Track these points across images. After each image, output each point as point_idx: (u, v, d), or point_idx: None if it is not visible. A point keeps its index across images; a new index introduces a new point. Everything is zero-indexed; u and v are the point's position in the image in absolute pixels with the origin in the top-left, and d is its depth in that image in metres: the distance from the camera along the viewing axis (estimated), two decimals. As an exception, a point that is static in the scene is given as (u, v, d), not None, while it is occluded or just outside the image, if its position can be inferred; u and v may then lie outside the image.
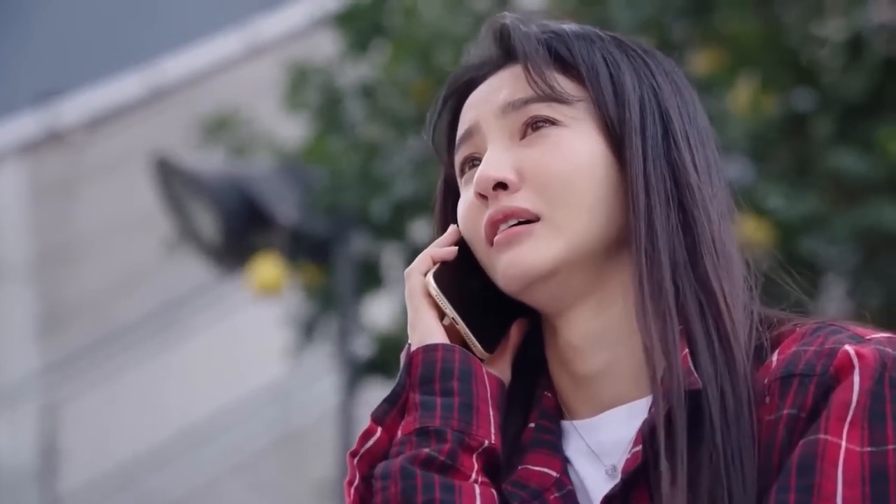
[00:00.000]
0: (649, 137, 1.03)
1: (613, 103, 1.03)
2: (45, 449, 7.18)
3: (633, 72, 1.05)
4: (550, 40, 1.05)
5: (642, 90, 1.04)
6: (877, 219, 3.29)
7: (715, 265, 1.01)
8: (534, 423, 1.04)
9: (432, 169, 1.03)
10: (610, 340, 1.03)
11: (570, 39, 1.06)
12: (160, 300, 7.37)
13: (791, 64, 3.59)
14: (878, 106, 3.48)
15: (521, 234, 1.02)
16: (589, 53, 1.05)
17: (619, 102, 1.04)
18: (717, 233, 1.02)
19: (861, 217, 3.33)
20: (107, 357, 7.38)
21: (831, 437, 0.93)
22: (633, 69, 1.05)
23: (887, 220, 3.28)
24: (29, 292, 7.93)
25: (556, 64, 1.05)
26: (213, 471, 7.13)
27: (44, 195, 8.07)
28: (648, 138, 1.03)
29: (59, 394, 7.37)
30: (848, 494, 0.92)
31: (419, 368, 1.02)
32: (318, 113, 4.78)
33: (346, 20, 4.71)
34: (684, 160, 1.03)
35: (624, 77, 1.04)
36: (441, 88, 1.11)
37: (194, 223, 5.07)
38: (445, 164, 1.12)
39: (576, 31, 1.07)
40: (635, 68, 1.06)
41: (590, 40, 1.06)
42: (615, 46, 1.06)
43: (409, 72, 4.38)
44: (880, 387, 0.94)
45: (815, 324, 1.00)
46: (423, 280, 1.04)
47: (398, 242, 4.66)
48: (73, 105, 8.12)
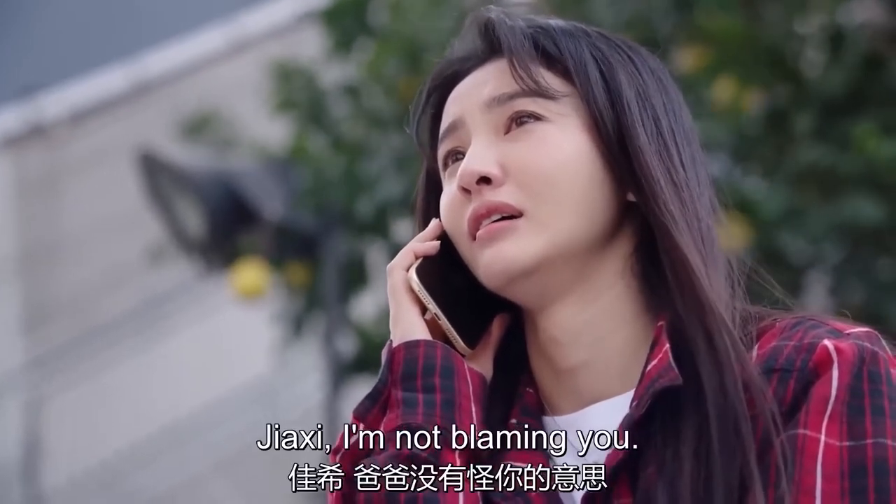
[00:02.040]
0: (648, 133, 1.03)
1: (604, 99, 1.03)
2: (29, 445, 7.15)
3: (622, 68, 1.05)
4: (536, 35, 1.05)
5: (631, 86, 1.04)
6: (854, 214, 3.30)
7: (702, 262, 1.01)
8: (515, 420, 1.04)
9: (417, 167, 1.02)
10: (592, 336, 1.03)
11: (556, 34, 1.05)
12: (145, 296, 7.34)
13: (773, 61, 3.60)
14: (859, 103, 3.49)
15: (504, 230, 1.02)
16: (577, 49, 1.05)
17: (611, 98, 1.03)
18: (704, 230, 1.02)
19: (838, 212, 3.34)
20: (91, 353, 7.35)
21: (810, 432, 0.94)
22: (621, 65, 1.05)
23: (864, 216, 3.29)
24: (13, 288, 7.89)
25: (541, 59, 1.04)
26: (196, 468, 7.11)
27: (27, 190, 8.03)
28: (648, 134, 1.03)
29: (43, 390, 7.34)
30: (827, 488, 0.92)
31: (401, 365, 1.01)
32: (301, 113, 4.77)
33: (331, 17, 4.70)
34: (673, 157, 1.03)
35: (613, 73, 1.04)
36: (425, 81, 1.11)
37: (180, 219, 5.05)
38: (428, 157, 1.11)
39: (562, 27, 1.06)
40: (623, 64, 1.05)
41: (577, 36, 1.06)
42: (602, 42, 1.06)
43: (394, 69, 4.37)
44: (859, 381, 0.95)
45: (795, 318, 1.01)
46: (405, 275, 1.04)
47: (383, 241, 4.66)
48: (57, 100, 8.08)
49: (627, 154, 1.02)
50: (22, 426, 7.25)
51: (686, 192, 1.02)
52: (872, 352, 0.96)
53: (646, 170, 1.01)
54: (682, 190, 1.02)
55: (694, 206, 1.02)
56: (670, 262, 1.01)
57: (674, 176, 1.02)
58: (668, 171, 1.03)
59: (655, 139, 1.03)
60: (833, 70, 3.49)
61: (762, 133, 3.57)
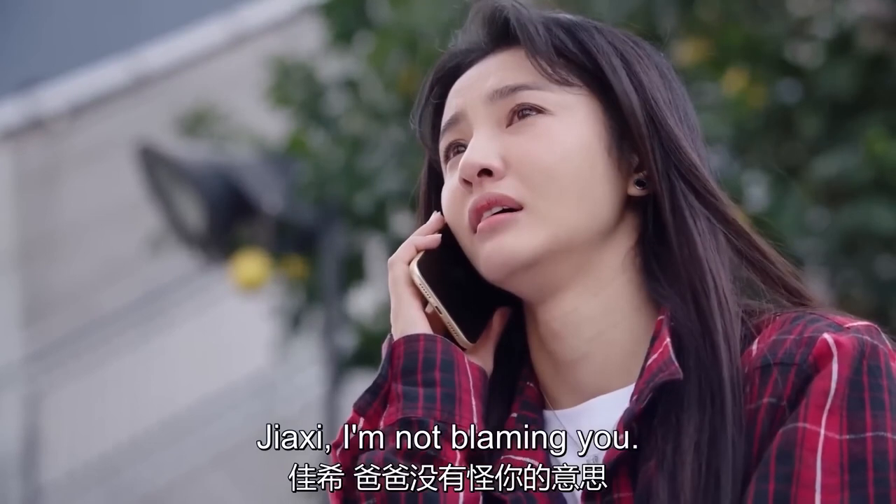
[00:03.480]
0: (668, 125, 1.03)
1: (623, 92, 1.03)
2: (28, 438, 7.15)
3: (636, 61, 1.05)
4: (549, 25, 1.05)
5: (644, 80, 1.04)
6: (865, 220, 3.27)
7: (711, 256, 1.01)
8: (516, 414, 1.04)
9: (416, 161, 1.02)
10: (592, 329, 1.03)
11: (571, 27, 1.05)
12: (144, 290, 7.34)
13: (776, 57, 3.59)
14: (867, 103, 3.47)
15: (505, 222, 1.02)
16: (593, 40, 1.05)
17: (630, 90, 1.03)
18: (712, 222, 1.03)
19: (849, 217, 3.32)
20: (90, 347, 7.35)
21: (810, 426, 0.94)
22: (635, 59, 1.05)
23: (877, 221, 3.26)
24: (11, 281, 7.88)
25: (554, 50, 1.04)
26: (195, 462, 7.11)
27: (27, 183, 8.02)
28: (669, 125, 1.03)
29: (41, 383, 7.34)
30: (827, 482, 0.93)
31: (401, 359, 1.01)
32: (301, 107, 4.77)
33: (330, 10, 4.69)
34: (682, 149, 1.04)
35: (631, 65, 1.04)
36: (427, 74, 1.11)
37: (179, 212, 5.04)
38: (430, 150, 1.11)
39: (573, 21, 1.06)
40: (637, 58, 1.05)
41: (588, 29, 1.06)
42: (609, 36, 1.06)
43: (395, 63, 4.37)
44: (858, 375, 0.95)
45: (795, 312, 1.01)
46: (406, 269, 1.04)
47: (382, 234, 4.65)
48: (56, 93, 8.07)
49: (645, 143, 1.02)
50: (21, 419, 7.25)
51: (700, 184, 1.02)
52: (872, 345, 0.96)
53: (680, 156, 1.02)
54: (697, 181, 1.02)
55: (707, 198, 1.02)
56: (686, 255, 1.00)
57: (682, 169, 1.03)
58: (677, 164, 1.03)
59: (682, 128, 1.03)
60: (837, 67, 3.47)
61: (762, 128, 3.56)
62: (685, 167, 1.03)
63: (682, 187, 1.02)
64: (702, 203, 1.02)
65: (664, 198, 1.02)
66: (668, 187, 1.02)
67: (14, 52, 8.29)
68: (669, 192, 1.02)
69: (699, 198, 1.02)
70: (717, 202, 1.03)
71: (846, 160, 3.30)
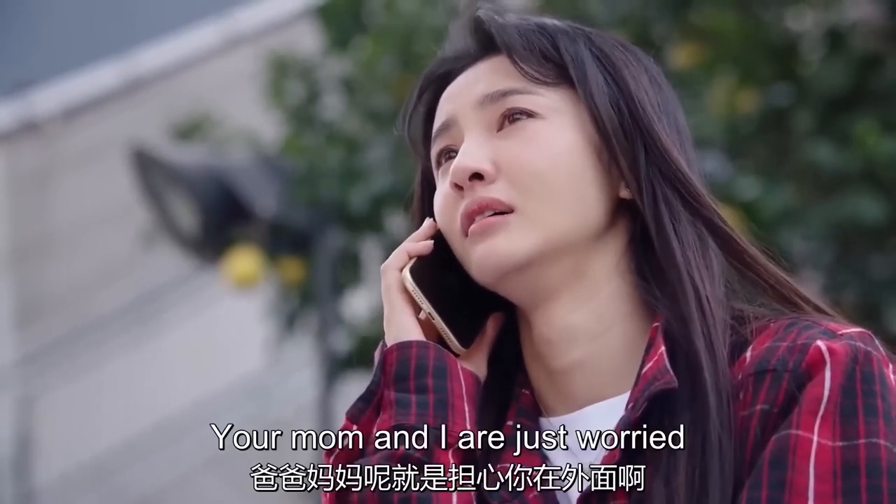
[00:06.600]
0: (654, 129, 1.03)
1: (603, 95, 1.03)
2: (21, 441, 7.14)
3: (624, 66, 1.05)
4: (531, 32, 1.05)
5: (631, 84, 1.04)
6: (853, 212, 3.30)
7: (697, 263, 1.01)
8: (512, 421, 1.04)
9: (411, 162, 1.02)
10: (586, 335, 1.03)
11: (551, 32, 1.06)
12: (137, 292, 7.33)
13: (770, 58, 3.60)
14: (858, 100, 3.49)
15: (496, 225, 1.02)
16: (572, 45, 1.05)
17: (613, 95, 1.03)
18: (699, 228, 1.03)
19: (837, 209, 3.34)
20: (84, 349, 7.34)
21: (803, 432, 0.94)
22: (623, 63, 1.05)
23: (864, 213, 3.29)
24: (5, 283, 7.87)
25: (536, 54, 1.04)
26: (189, 464, 7.10)
27: (20, 186, 8.01)
28: (655, 129, 1.03)
29: (35, 386, 7.32)
30: (820, 489, 0.92)
31: (393, 366, 1.01)
32: (296, 109, 4.77)
33: (326, 14, 4.69)
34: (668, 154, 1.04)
35: (617, 70, 1.04)
36: (416, 80, 1.11)
37: (173, 215, 5.04)
38: (422, 156, 1.11)
39: (557, 26, 1.06)
40: (625, 63, 1.05)
41: (572, 34, 1.06)
42: (598, 41, 1.06)
43: (389, 65, 4.37)
44: (851, 382, 0.95)
45: (789, 319, 1.01)
46: (399, 276, 1.04)
47: (377, 235, 4.65)
48: (49, 95, 8.06)
49: (622, 146, 1.02)
50: (14, 422, 7.24)
51: (685, 189, 1.02)
52: (865, 352, 0.96)
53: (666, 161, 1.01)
54: (682, 186, 1.02)
55: (692, 204, 1.02)
56: (666, 261, 1.01)
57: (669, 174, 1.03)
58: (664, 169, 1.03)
59: (654, 136, 1.03)
60: (830, 67, 3.49)
61: (757, 130, 3.57)
62: (671, 172, 1.02)
63: (667, 192, 1.02)
64: (687, 209, 1.02)
65: (643, 202, 1.02)
66: (650, 192, 1.02)
67: (7, 55, 8.28)
68: (651, 196, 1.02)
69: (685, 203, 1.02)
70: (703, 208, 1.02)
71: (836, 153, 3.32)
